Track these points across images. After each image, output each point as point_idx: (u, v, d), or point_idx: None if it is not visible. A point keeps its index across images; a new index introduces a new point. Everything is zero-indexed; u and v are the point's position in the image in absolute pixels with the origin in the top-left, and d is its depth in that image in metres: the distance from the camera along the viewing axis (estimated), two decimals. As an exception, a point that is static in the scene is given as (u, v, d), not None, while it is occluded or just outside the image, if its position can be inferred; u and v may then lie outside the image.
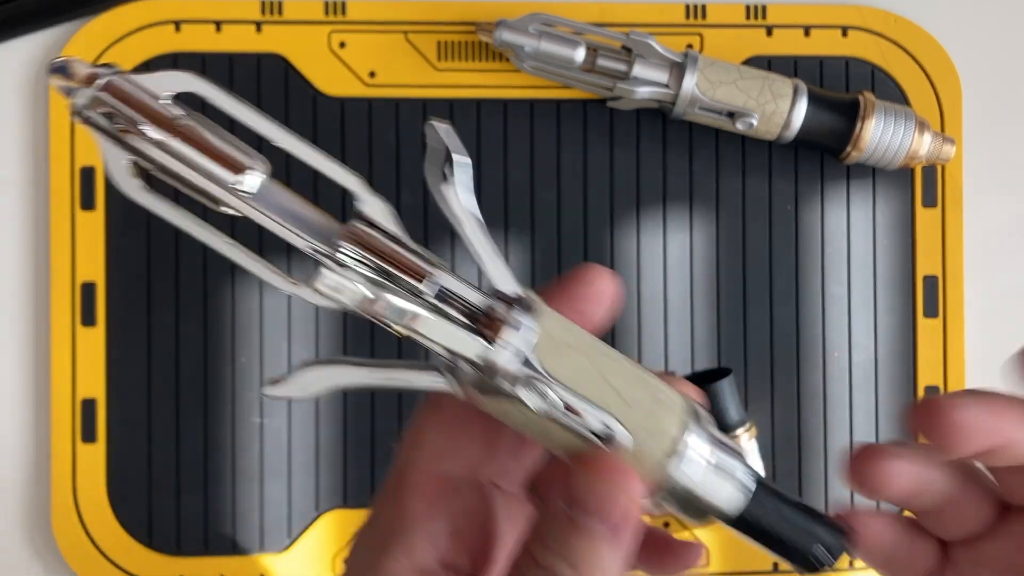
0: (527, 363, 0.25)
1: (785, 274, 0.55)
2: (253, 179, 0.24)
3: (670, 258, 0.54)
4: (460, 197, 0.24)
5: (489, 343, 0.25)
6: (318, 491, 0.53)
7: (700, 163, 0.54)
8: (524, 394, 0.25)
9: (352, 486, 0.53)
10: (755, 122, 0.51)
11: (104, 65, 0.23)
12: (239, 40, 0.53)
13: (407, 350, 0.52)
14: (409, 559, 0.26)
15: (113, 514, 0.52)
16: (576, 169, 0.54)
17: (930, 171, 0.55)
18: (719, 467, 0.26)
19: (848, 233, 0.55)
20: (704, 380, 0.53)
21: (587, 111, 0.54)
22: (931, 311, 0.55)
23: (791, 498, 0.27)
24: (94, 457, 0.52)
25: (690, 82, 0.51)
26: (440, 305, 0.25)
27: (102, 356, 0.52)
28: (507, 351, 0.25)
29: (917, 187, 0.55)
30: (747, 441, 0.52)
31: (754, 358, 0.54)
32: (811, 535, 0.26)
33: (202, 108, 0.24)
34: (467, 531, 0.27)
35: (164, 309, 0.52)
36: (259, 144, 0.25)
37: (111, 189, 0.52)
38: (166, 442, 0.52)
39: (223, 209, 0.24)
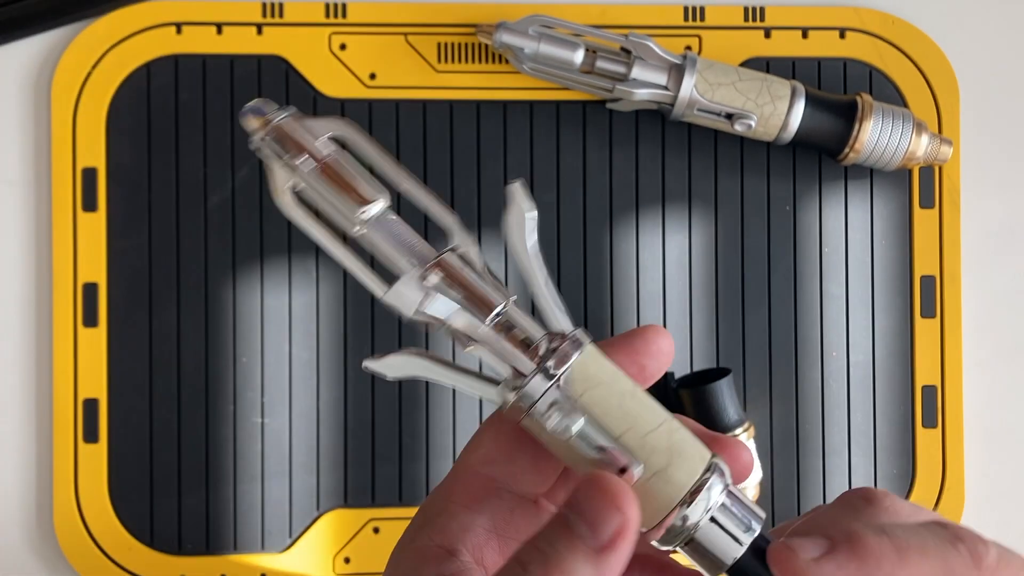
0: (563, 392, 0.27)
1: (783, 274, 0.55)
2: (373, 209, 0.29)
3: (669, 259, 0.55)
4: (528, 243, 0.29)
5: (534, 366, 0.28)
6: (318, 491, 0.53)
7: (699, 164, 0.55)
8: (554, 417, 0.27)
9: (352, 486, 0.53)
10: (753, 123, 0.51)
11: (285, 107, 0.29)
12: (240, 42, 0.53)
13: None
14: (440, 538, 0.28)
15: (115, 513, 0.52)
16: (575, 170, 0.54)
17: (928, 172, 0.55)
18: (723, 524, 0.27)
19: (846, 234, 0.55)
20: (703, 380, 0.53)
21: (586, 113, 0.54)
22: (928, 311, 0.55)
23: None
24: (96, 457, 0.52)
25: (689, 84, 0.51)
26: (503, 332, 0.28)
27: (104, 356, 0.52)
28: (544, 375, 0.27)
29: (915, 188, 0.55)
30: (745, 441, 0.52)
31: (752, 358, 0.55)
32: None
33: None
34: (507, 534, 0.29)
35: (165, 309, 0.53)
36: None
37: (112, 190, 0.52)
38: (167, 442, 0.52)
39: (355, 230, 0.29)
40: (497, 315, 0.28)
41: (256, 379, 0.53)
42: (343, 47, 0.54)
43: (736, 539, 0.27)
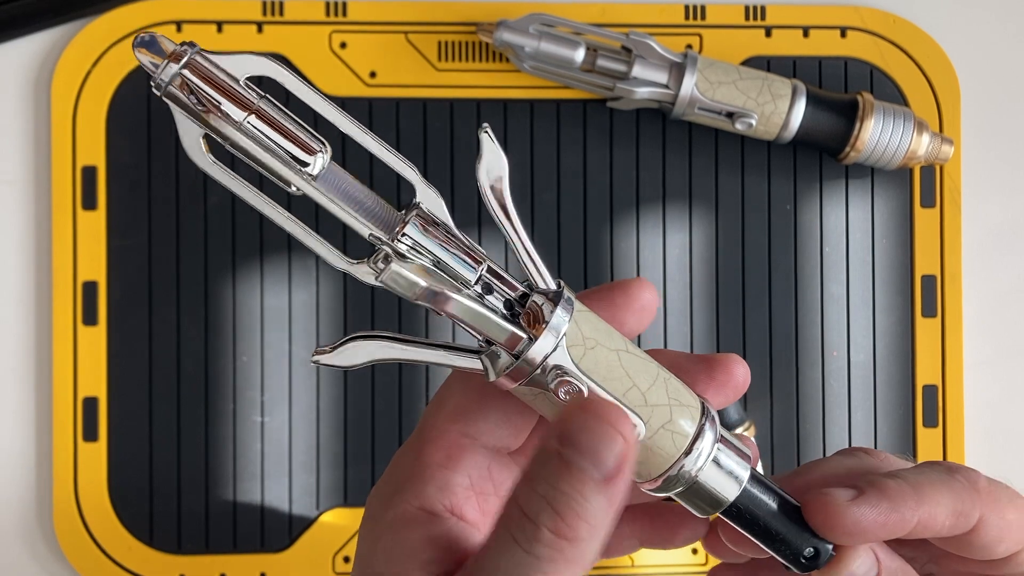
0: (558, 356, 0.26)
1: (784, 274, 0.55)
2: (320, 162, 0.25)
3: (669, 258, 0.55)
4: (507, 196, 0.27)
5: (525, 334, 0.26)
6: (318, 490, 0.53)
7: (699, 163, 0.55)
8: (553, 386, 0.26)
9: (352, 486, 0.53)
10: (754, 122, 0.51)
11: (187, 43, 0.24)
12: (240, 40, 0.53)
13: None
14: (419, 501, 0.27)
15: (114, 512, 0.52)
16: (576, 169, 0.54)
17: (928, 171, 0.55)
18: (722, 465, 0.28)
19: (847, 233, 0.55)
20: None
21: (587, 111, 0.54)
22: (929, 311, 0.55)
23: (791, 500, 0.29)
24: (95, 456, 0.52)
25: (689, 82, 0.51)
26: (484, 296, 0.26)
27: (103, 355, 0.52)
28: (540, 343, 0.26)
29: (916, 187, 0.55)
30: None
31: (753, 357, 0.55)
32: (803, 537, 0.28)
33: (285, 97, 0.26)
34: (485, 490, 0.28)
35: (165, 308, 0.53)
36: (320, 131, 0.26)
37: (112, 188, 0.52)
38: (167, 441, 0.52)
39: (292, 189, 0.25)
40: (478, 279, 0.26)
41: (256, 378, 0.53)
42: (343, 45, 0.53)
43: (734, 478, 0.28)
